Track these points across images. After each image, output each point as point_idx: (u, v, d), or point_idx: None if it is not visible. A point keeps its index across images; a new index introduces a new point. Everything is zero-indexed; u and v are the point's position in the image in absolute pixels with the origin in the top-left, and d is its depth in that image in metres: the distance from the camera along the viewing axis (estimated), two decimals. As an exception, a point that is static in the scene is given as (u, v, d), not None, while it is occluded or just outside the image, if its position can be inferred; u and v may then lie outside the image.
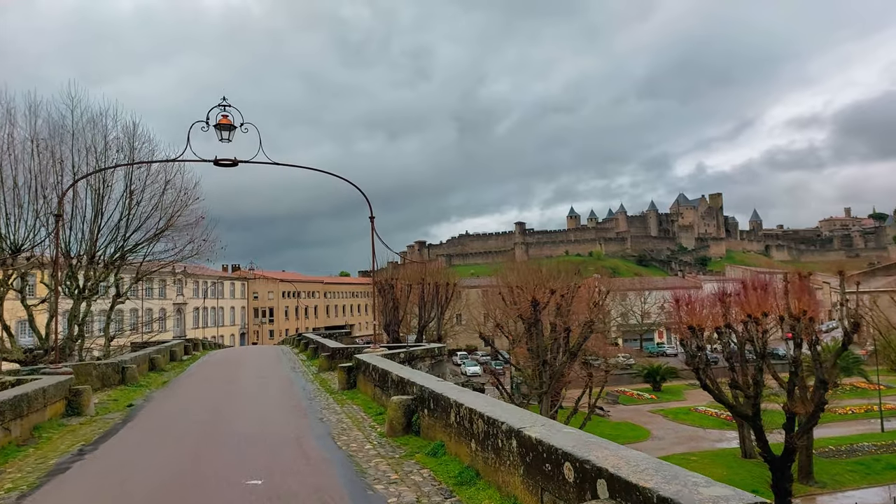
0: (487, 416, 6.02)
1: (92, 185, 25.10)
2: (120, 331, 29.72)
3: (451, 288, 39.33)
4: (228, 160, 16.29)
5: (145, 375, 20.28)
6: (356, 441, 8.72)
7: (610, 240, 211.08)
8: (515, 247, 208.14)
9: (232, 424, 10.48)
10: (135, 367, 17.82)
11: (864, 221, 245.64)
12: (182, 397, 14.67)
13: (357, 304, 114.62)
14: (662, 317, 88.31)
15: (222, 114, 16.30)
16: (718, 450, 37.83)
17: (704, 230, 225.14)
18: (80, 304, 25.43)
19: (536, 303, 25.60)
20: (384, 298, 36.30)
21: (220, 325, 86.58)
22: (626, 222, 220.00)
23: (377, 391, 11.87)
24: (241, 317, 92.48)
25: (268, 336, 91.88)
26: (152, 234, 26.72)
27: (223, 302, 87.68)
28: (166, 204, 26.85)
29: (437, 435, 7.84)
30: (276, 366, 22.70)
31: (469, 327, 78.51)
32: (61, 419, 11.73)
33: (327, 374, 18.74)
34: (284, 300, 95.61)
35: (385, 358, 14.69)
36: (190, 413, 12.08)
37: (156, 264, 30.46)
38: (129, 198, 25.81)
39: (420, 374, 9.97)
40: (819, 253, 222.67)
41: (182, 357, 28.42)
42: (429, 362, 16.68)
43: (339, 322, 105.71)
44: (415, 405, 8.81)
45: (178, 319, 77.33)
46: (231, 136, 16.48)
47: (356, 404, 12.29)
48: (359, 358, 14.05)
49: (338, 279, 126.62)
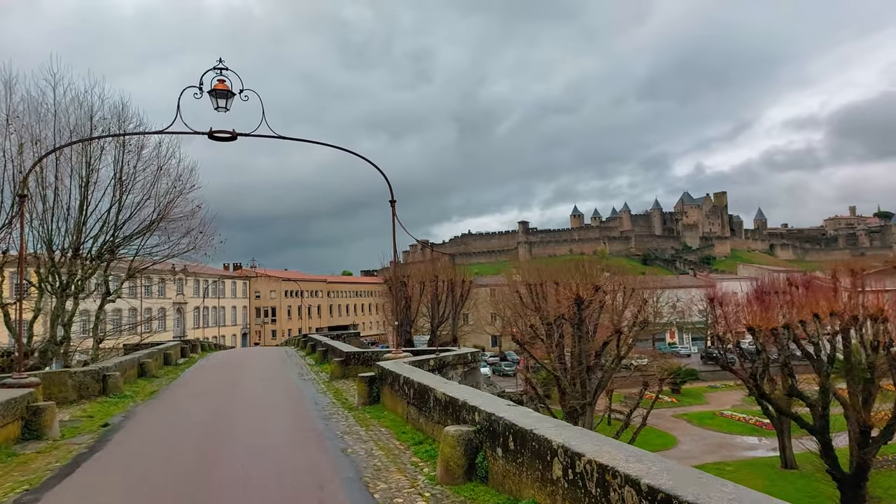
0: (634, 478, 3.62)
1: (76, 171, 22.71)
2: (109, 332, 27.13)
3: (467, 285, 36.85)
4: (225, 132, 13.84)
5: (132, 383, 17.85)
6: (400, 490, 6.27)
7: (614, 239, 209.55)
8: (519, 246, 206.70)
9: (230, 459, 8.04)
10: (118, 375, 15.38)
11: (869, 220, 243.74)
12: (169, 414, 12.22)
13: (361, 304, 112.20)
14: (675, 316, 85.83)
15: (218, 78, 13.86)
16: (754, 459, 35.35)
17: (709, 229, 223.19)
18: (64, 303, 23.02)
19: (581, 300, 22.90)
20: (395, 297, 33.74)
21: (221, 325, 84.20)
22: (630, 221, 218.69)
23: (411, 411, 9.42)
24: (243, 316, 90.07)
25: (270, 336, 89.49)
26: (145, 226, 24.32)
27: (224, 301, 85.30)
28: (160, 193, 24.50)
29: (521, 489, 5.39)
30: (282, 372, 20.26)
31: (476, 327, 76.12)
32: (14, 446, 9.30)
33: (341, 382, 16.29)
34: (287, 299, 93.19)
35: (413, 366, 12.25)
36: (176, 438, 9.64)
37: (149, 260, 27.99)
38: (119, 186, 23.43)
39: (478, 395, 7.50)
40: (824, 252, 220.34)
41: (177, 361, 25.99)
42: (461, 370, 14.26)
43: (344, 322, 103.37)
44: (479, 440, 6.35)
45: (179, 319, 75.02)
46: (229, 104, 14.03)
47: (384, 426, 9.84)
48: (382, 367, 11.60)
49: (341, 278, 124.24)
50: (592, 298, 23.16)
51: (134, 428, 10.63)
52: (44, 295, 23.09)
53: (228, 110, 14.05)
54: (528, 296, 38.00)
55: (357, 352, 17.21)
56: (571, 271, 30.08)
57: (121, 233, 24.21)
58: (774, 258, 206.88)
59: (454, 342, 35.03)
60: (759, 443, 39.77)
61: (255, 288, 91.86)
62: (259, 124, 14.03)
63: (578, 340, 23.91)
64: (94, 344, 26.09)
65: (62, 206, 21.78)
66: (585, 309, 23.15)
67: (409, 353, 14.62)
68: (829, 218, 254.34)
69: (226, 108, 14.00)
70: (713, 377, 59.24)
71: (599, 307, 24.26)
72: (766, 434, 41.19)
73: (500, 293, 72.08)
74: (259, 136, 14.16)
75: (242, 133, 14.02)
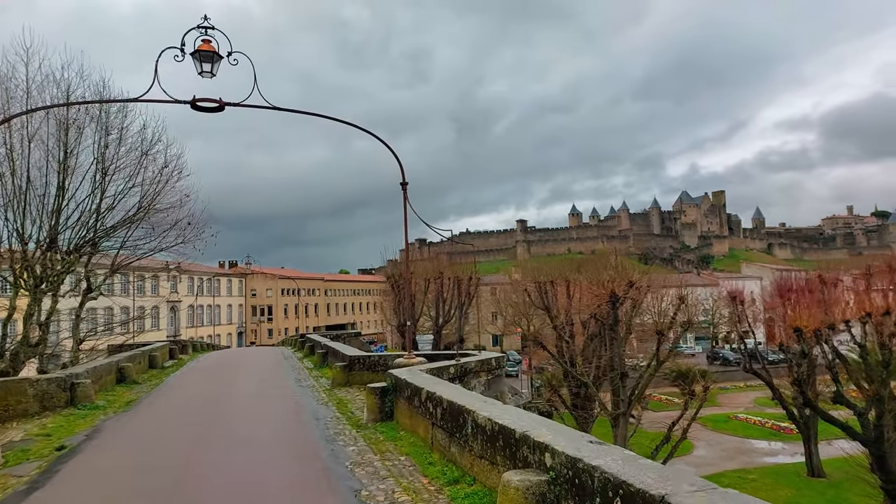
0: None
1: (53, 154, 20.67)
2: (90, 332, 25.05)
3: (474, 283, 34.87)
4: (211, 101, 11.87)
5: (109, 391, 15.89)
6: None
7: (612, 238, 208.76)
8: (517, 244, 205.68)
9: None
10: (89, 383, 13.40)
11: (866, 219, 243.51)
12: (141, 433, 10.25)
13: (359, 303, 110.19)
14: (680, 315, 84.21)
15: (203, 38, 11.90)
16: (776, 466, 33.52)
17: (707, 228, 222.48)
18: (39, 301, 20.98)
19: (616, 298, 20.73)
20: (398, 295, 31.82)
21: (216, 324, 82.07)
22: (629, 220, 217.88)
23: (438, 435, 7.49)
24: (239, 315, 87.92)
25: (266, 335, 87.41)
26: (129, 216, 22.28)
27: (220, 300, 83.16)
28: (145, 181, 22.48)
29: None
30: (278, 377, 18.30)
31: (478, 326, 74.24)
32: (-65, 480, 7.35)
33: (344, 391, 14.33)
34: (284, 297, 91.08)
35: (431, 375, 10.32)
36: (142, 472, 7.67)
37: (134, 255, 25.88)
38: (101, 171, 21.43)
39: (536, 421, 5.54)
40: (822, 251, 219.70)
41: (164, 363, 23.96)
42: (485, 378, 12.34)
43: (341, 321, 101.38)
44: (556, 495, 4.43)
45: (173, 318, 72.92)
46: (215, 69, 12.09)
47: (403, 452, 7.90)
48: (397, 376, 9.66)
49: (339, 276, 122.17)
50: (627, 296, 21.04)
51: (92, 453, 8.66)
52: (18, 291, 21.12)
53: (214, 75, 12.11)
54: (537, 294, 36.09)
55: (362, 356, 15.26)
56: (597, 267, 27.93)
57: (102, 224, 22.16)
58: (773, 257, 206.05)
59: (461, 342, 33.13)
60: (779, 448, 38.02)
61: (252, 286, 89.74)
62: (251, 92, 12.10)
63: (610, 343, 21.89)
64: (74, 345, 24.03)
65: (34, 192, 19.73)
66: (620, 307, 21.07)
67: (424, 357, 12.68)
68: (827, 217, 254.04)
69: (211, 72, 12.06)
70: (723, 378, 57.61)
71: (632, 306, 22.21)
72: (785, 439, 39.48)
73: (502, 292, 70.32)
74: (250, 107, 12.20)
75: (230, 102, 12.06)
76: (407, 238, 12.88)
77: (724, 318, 50.15)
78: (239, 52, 12.08)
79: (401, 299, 32.49)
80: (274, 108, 12.53)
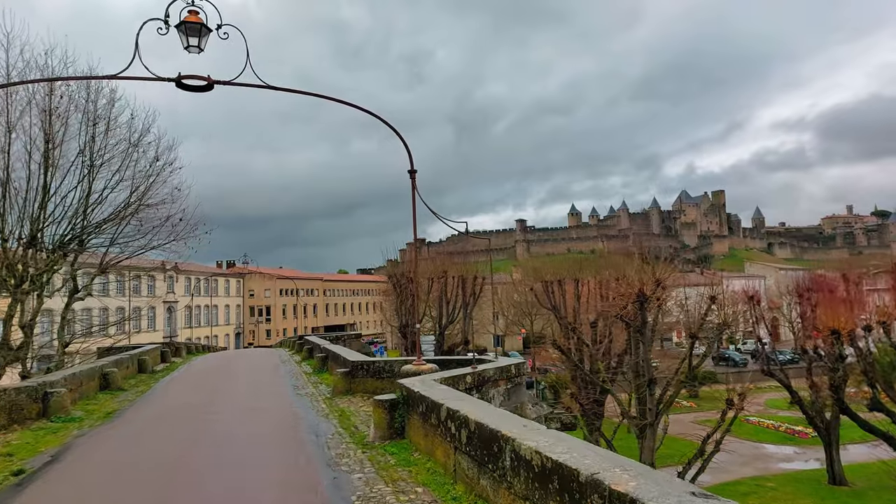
0: None
1: (37, 146, 19.40)
2: (77, 334, 23.74)
3: (480, 282, 33.59)
4: (198, 78, 10.60)
5: (90, 399, 14.60)
6: None
7: (612, 237, 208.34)
8: (517, 244, 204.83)
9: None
10: (64, 393, 12.10)
11: (866, 219, 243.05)
12: (116, 452, 8.97)
13: (358, 303, 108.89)
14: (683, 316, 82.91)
15: (189, 9, 10.61)
16: (795, 472, 32.23)
17: (707, 227, 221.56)
18: (19, 301, 19.69)
19: (644, 298, 19.27)
20: (400, 295, 30.53)
21: (213, 325, 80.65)
22: (629, 220, 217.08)
23: (463, 462, 6.22)
24: (237, 316, 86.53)
25: (265, 336, 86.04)
26: (117, 211, 21.02)
27: (217, 300, 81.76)
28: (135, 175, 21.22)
29: None
30: (274, 384, 17.02)
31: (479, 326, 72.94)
32: None
33: (346, 400, 13.05)
34: (282, 298, 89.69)
35: (446, 385, 9.07)
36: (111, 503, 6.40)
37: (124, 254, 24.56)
38: (89, 164, 20.17)
39: (617, 463, 4.25)
40: (822, 251, 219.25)
41: (154, 367, 22.66)
42: (504, 388, 11.07)
43: (340, 321, 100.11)
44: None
45: (169, 319, 71.55)
46: (203, 43, 10.80)
47: (419, 482, 6.64)
48: (409, 388, 8.38)
49: (338, 276, 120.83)
50: (654, 295, 19.62)
51: (53, 480, 7.38)
52: (1, 291, 19.87)
53: (202, 50, 10.80)
54: (544, 294, 34.84)
55: (365, 362, 13.95)
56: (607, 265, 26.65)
57: (88, 220, 20.92)
58: (773, 257, 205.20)
59: (465, 343, 31.89)
60: (793, 452, 36.87)
61: (249, 286, 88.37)
62: (243, 69, 10.83)
63: (635, 347, 20.54)
64: (59, 349, 22.77)
65: (12, 186, 18.44)
66: (648, 308, 19.69)
67: (436, 364, 11.41)
68: (827, 217, 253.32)
69: (199, 47, 10.76)
70: (733, 380, 56.21)
71: (658, 307, 20.83)
72: (799, 443, 38.34)
73: (504, 291, 69.04)
74: (241, 85, 10.92)
75: (220, 80, 10.78)
76: (416, 230, 11.63)
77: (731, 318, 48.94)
78: (230, 24, 10.80)
79: (403, 299, 31.21)
80: (268, 86, 11.24)
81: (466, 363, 12.71)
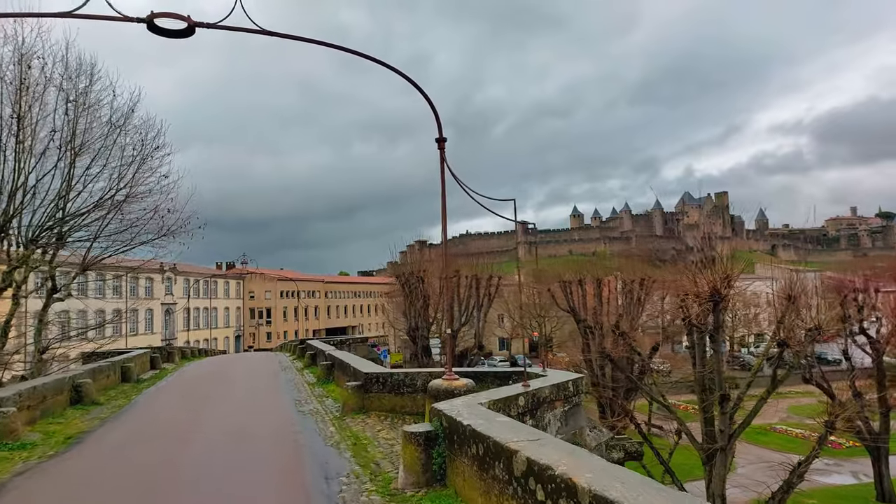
0: None
1: (6, 124, 17.22)
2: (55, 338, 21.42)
3: (496, 282, 31.38)
4: (175, 17, 8.34)
5: (55, 417, 12.38)
6: None
7: (614, 239, 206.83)
8: (518, 246, 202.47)
9: None
10: (13, 413, 9.87)
11: (870, 220, 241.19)
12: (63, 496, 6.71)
13: (360, 305, 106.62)
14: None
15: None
16: (836, 487, 30.02)
17: (710, 229, 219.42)
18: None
19: (719, 297, 16.65)
20: (410, 296, 28.30)
21: (212, 328, 78.42)
22: (631, 221, 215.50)
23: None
24: (237, 318, 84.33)
25: (265, 339, 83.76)
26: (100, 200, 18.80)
27: (216, 302, 79.55)
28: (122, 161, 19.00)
29: None
30: (273, 397, 14.81)
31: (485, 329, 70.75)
32: None
33: (359, 422, 10.82)
34: (283, 300, 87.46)
35: (494, 410, 6.82)
36: None
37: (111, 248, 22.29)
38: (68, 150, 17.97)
39: None
40: (826, 252, 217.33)
41: (141, 376, 20.40)
42: (560, 410, 8.84)
43: (342, 324, 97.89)
44: None
45: (167, 321, 69.36)
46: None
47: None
48: (452, 417, 6.16)
49: (340, 278, 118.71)
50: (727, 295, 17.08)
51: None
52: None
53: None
54: (561, 295, 32.60)
55: (382, 374, 11.68)
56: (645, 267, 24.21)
57: (66, 210, 18.69)
58: (777, 258, 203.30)
59: (479, 348, 29.75)
60: (825, 464, 34.52)
61: (250, 288, 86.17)
62: (232, 8, 8.59)
63: (701, 357, 18.17)
64: (36, 354, 20.49)
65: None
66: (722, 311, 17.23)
67: (470, 378, 9.15)
68: (831, 218, 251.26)
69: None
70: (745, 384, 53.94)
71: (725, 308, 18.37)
72: (832, 454, 36.00)
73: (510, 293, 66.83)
74: (229, 28, 8.69)
75: (202, 23, 8.51)
76: (444, 209, 9.46)
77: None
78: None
79: (413, 300, 28.95)
80: (262, 31, 8.96)
81: (504, 377, 10.46)
